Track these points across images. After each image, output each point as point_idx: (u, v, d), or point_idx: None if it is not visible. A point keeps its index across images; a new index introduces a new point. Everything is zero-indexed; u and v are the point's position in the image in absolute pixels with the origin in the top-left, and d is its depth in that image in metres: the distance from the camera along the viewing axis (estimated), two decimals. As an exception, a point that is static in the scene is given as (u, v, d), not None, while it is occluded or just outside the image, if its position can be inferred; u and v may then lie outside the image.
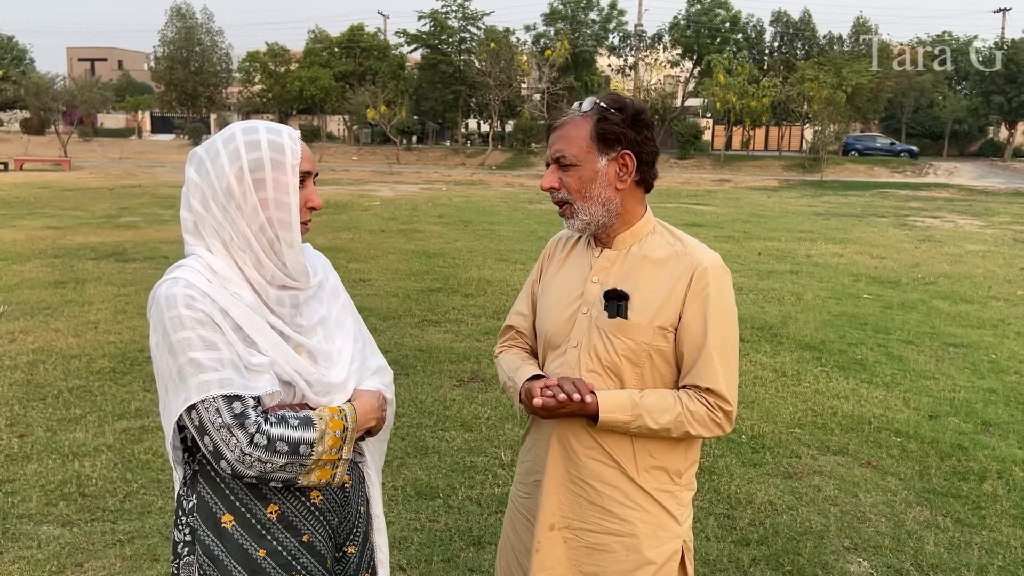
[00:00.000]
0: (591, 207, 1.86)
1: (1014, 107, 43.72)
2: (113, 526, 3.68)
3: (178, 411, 1.52)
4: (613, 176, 1.85)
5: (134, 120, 63.42)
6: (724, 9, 47.56)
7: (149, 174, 33.36)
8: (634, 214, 1.92)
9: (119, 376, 5.85)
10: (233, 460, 1.50)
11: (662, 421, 1.79)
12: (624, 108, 1.84)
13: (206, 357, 1.51)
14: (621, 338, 1.83)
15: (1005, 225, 18.79)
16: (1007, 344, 7.32)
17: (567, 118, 1.89)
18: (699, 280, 1.81)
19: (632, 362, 1.83)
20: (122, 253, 11.69)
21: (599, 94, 1.93)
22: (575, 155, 1.84)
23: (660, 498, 1.87)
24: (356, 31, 52.03)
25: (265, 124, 1.68)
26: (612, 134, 1.82)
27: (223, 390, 1.50)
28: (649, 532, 1.86)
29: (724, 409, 1.81)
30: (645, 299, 1.83)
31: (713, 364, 1.79)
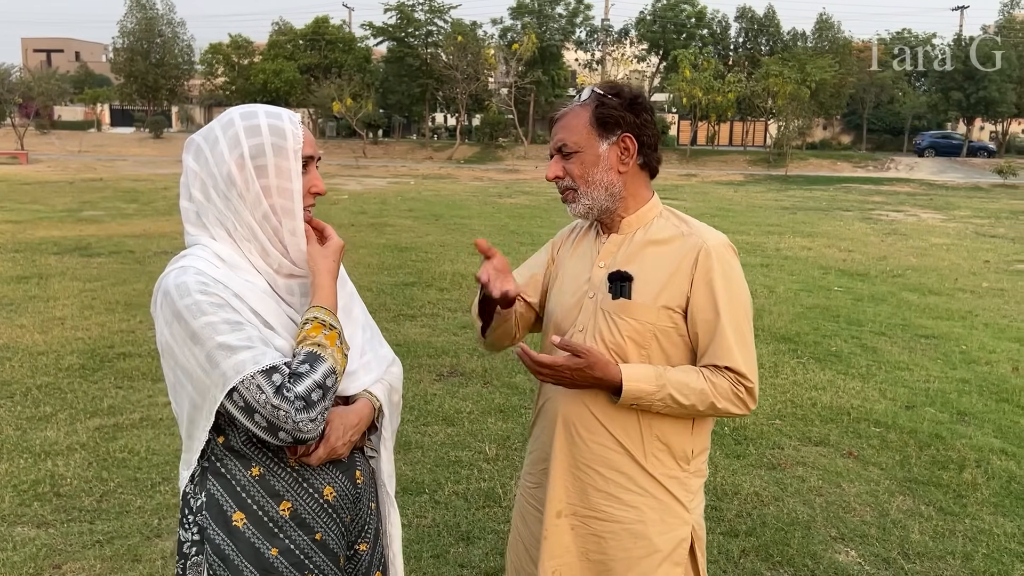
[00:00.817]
0: (594, 191, 1.87)
1: (972, 103, 44.61)
2: (91, 526, 3.58)
3: (219, 399, 1.45)
4: (615, 160, 1.86)
5: (93, 113, 62.12)
6: (690, 5, 47.91)
7: (110, 168, 32.73)
8: (639, 198, 1.92)
9: (89, 373, 5.70)
10: (291, 430, 1.45)
11: (687, 392, 1.77)
12: (621, 93, 1.86)
13: (235, 338, 1.46)
14: (625, 319, 1.83)
15: (966, 219, 19.16)
16: (976, 335, 7.45)
17: (567, 109, 1.92)
18: (705, 259, 1.81)
19: (637, 343, 1.83)
20: (86, 247, 11.44)
21: (596, 83, 1.95)
22: (576, 142, 1.86)
23: (668, 484, 1.86)
24: (321, 23, 51.47)
25: (264, 108, 1.62)
26: (611, 118, 1.84)
27: (258, 365, 1.45)
28: (656, 519, 1.85)
29: (746, 385, 1.79)
30: (649, 279, 1.83)
31: (728, 342, 1.79)
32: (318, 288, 1.61)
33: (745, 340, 1.81)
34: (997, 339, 7.34)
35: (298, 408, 1.45)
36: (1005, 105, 44.13)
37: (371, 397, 1.72)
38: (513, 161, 42.78)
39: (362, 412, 1.69)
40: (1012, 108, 44.98)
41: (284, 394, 1.44)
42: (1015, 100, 44.54)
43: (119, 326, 7.00)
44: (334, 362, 1.52)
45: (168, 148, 46.19)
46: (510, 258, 8.44)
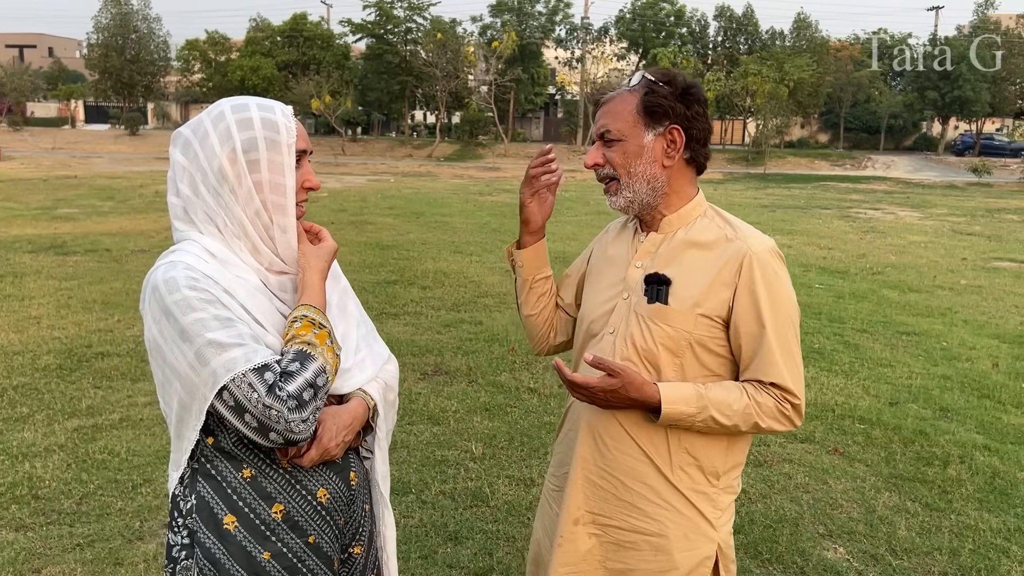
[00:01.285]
0: (635, 184, 1.76)
1: (947, 103, 45.08)
2: (71, 529, 3.50)
3: (209, 397, 1.41)
4: (660, 152, 1.75)
5: (67, 109, 61.26)
6: (669, 3, 48.08)
7: (84, 165, 32.32)
8: (682, 195, 1.81)
9: (66, 373, 5.60)
10: (283, 431, 1.41)
11: (729, 413, 1.68)
12: (673, 81, 1.74)
13: (225, 335, 1.41)
14: (660, 324, 1.73)
15: (943, 217, 19.35)
16: (956, 332, 7.51)
17: (614, 93, 1.80)
18: (749, 267, 1.69)
19: (671, 351, 1.73)
20: (61, 246, 11.27)
21: (648, 68, 1.82)
22: (620, 129, 1.75)
23: (694, 499, 1.76)
24: (299, 20, 51.05)
25: (256, 100, 1.58)
26: (659, 107, 1.72)
27: (250, 363, 1.40)
28: (680, 534, 1.76)
29: (792, 402, 1.70)
30: (687, 284, 1.72)
31: (773, 356, 1.68)
32: (307, 286, 1.57)
33: (791, 354, 1.71)
34: (976, 335, 7.40)
35: (290, 408, 1.41)
36: (979, 104, 44.64)
37: (365, 396, 1.69)
38: (493, 159, 42.72)
39: (356, 411, 1.65)
40: (986, 108, 45.52)
41: (276, 393, 1.40)
42: (989, 100, 45.08)
43: (97, 325, 6.89)
44: (324, 361, 1.48)
45: (144, 145, 45.68)
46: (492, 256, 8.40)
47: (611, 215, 1.94)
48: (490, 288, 8.93)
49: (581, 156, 44.48)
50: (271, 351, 1.46)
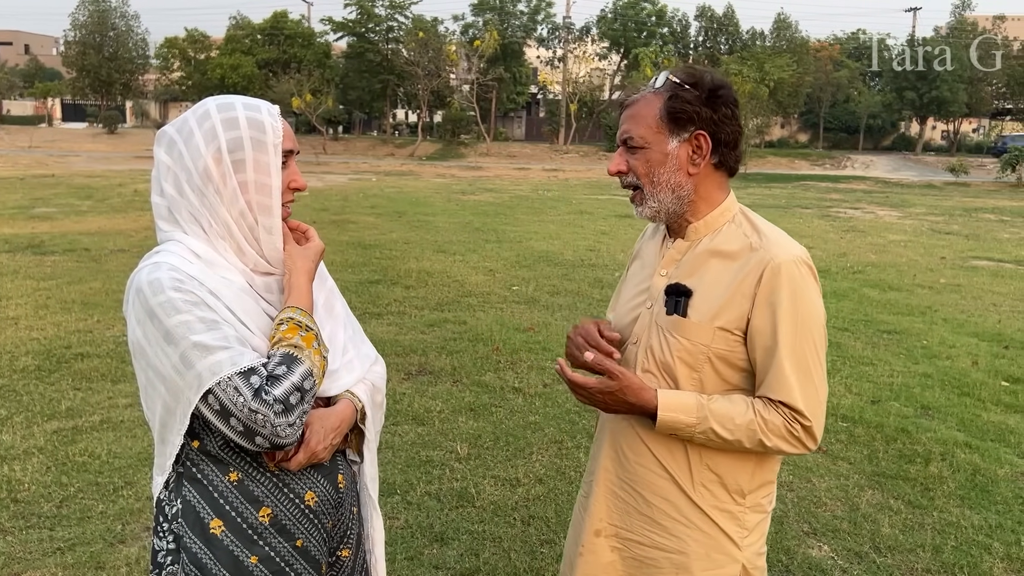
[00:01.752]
0: (660, 193, 1.68)
1: (925, 103, 45.58)
2: (51, 533, 3.45)
3: (194, 401, 1.39)
4: (685, 159, 1.67)
5: (43, 107, 60.61)
6: (650, 3, 48.28)
7: (62, 163, 31.97)
8: (710, 201, 1.72)
9: (45, 374, 5.53)
10: (269, 435, 1.39)
11: (731, 427, 1.61)
12: (699, 83, 1.65)
13: (211, 338, 1.39)
14: (677, 337, 1.67)
15: (921, 216, 19.55)
16: (936, 330, 7.58)
17: (639, 95, 1.71)
18: (770, 278, 1.60)
19: (688, 365, 1.66)
20: (39, 245, 11.13)
21: (672, 68, 1.73)
22: (642, 136, 1.67)
23: (716, 517, 1.69)
24: (279, 18, 50.82)
25: (242, 100, 1.55)
26: (684, 113, 1.64)
27: (236, 367, 1.38)
28: (702, 553, 1.70)
29: (802, 424, 1.60)
30: (708, 296, 1.66)
31: (784, 374, 1.59)
32: (293, 288, 1.55)
33: (808, 373, 1.61)
34: (956, 334, 7.47)
35: (277, 412, 1.39)
36: (956, 105, 45.16)
37: (353, 398, 1.67)
38: (476, 158, 42.69)
39: (343, 414, 1.63)
40: (963, 108, 46.06)
41: (263, 397, 1.38)
42: (966, 100, 45.60)
43: (76, 326, 6.81)
44: (311, 364, 1.46)
45: (122, 144, 45.27)
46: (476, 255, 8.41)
47: (593, 215, 1.91)
48: (474, 287, 8.91)
49: (563, 155, 44.56)
50: (257, 354, 1.44)
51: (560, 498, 3.93)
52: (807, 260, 1.66)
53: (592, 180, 31.89)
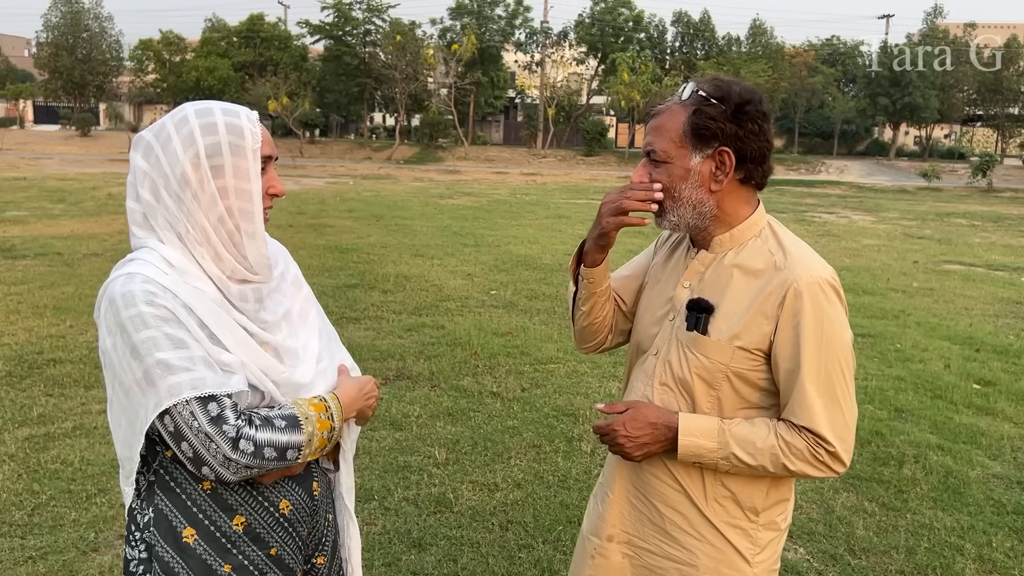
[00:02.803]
0: (680, 208, 1.66)
1: (898, 109, 46.17)
2: (22, 542, 3.40)
3: (149, 419, 1.37)
4: (707, 176, 1.64)
5: (15, 109, 59.80)
6: (627, 8, 48.49)
7: (34, 166, 31.56)
8: (736, 216, 1.68)
9: (16, 380, 5.45)
10: (216, 466, 1.37)
11: (753, 451, 1.60)
12: (727, 98, 1.60)
13: (175, 356, 1.37)
14: (696, 354, 1.65)
15: (895, 220, 19.79)
16: (909, 333, 7.67)
17: (664, 106, 1.68)
18: (793, 301, 1.58)
19: (706, 382, 1.65)
20: (10, 249, 10.97)
21: (700, 78, 1.70)
22: (665, 151, 1.64)
23: (727, 532, 1.69)
24: (256, 20, 50.53)
25: (220, 105, 1.54)
26: (707, 129, 1.60)
27: (196, 391, 1.36)
28: (711, 567, 1.69)
29: (827, 449, 1.58)
30: (729, 314, 1.64)
31: (808, 398, 1.57)
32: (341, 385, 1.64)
33: (833, 396, 1.58)
34: (929, 337, 7.57)
35: (244, 450, 1.38)
36: (928, 111, 45.80)
37: None
38: (453, 162, 42.67)
39: (352, 390, 1.66)
40: (935, 114, 46.72)
41: (221, 427, 1.37)
42: (938, 106, 46.26)
43: (48, 331, 6.72)
44: (307, 437, 1.47)
45: (96, 146, 44.78)
46: (454, 259, 8.40)
47: (571, 219, 1.91)
48: (452, 292, 8.90)
49: (541, 159, 44.64)
50: (220, 380, 1.41)
51: (538, 503, 3.93)
52: (833, 281, 1.62)
53: (570, 184, 31.99)
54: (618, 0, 48.23)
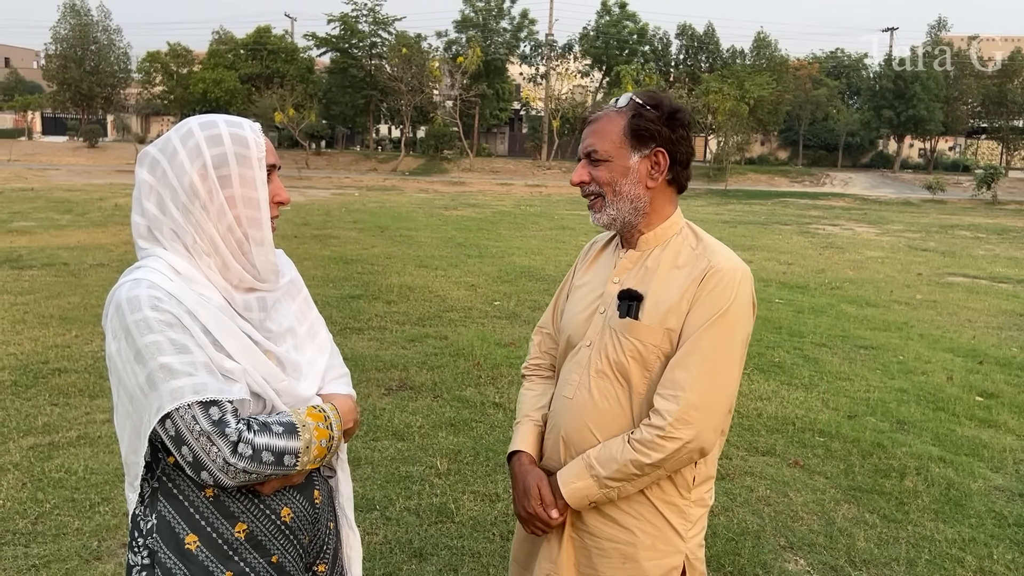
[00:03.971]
0: (620, 202, 1.83)
1: (902, 121, 46.17)
2: (26, 550, 3.42)
3: (152, 422, 1.39)
4: (644, 173, 1.82)
5: (23, 120, 60.13)
6: (632, 21, 48.66)
7: (42, 177, 31.71)
8: (661, 214, 1.87)
9: (22, 390, 5.48)
10: (216, 471, 1.40)
11: (617, 466, 1.75)
12: (660, 105, 1.80)
13: (178, 361, 1.40)
14: (630, 338, 1.79)
15: (899, 233, 19.78)
16: (912, 346, 7.67)
17: (602, 113, 1.86)
18: (709, 280, 1.75)
19: (640, 364, 1.79)
20: (16, 260, 11.04)
21: (636, 90, 1.89)
22: (607, 150, 1.81)
23: (664, 510, 1.82)
24: (262, 33, 50.83)
25: (224, 117, 1.57)
26: (646, 131, 1.79)
27: (198, 396, 1.39)
28: (648, 543, 1.81)
29: (676, 417, 1.70)
30: (659, 300, 1.79)
31: (689, 360, 1.73)
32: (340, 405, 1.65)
33: (715, 368, 1.72)
34: (932, 349, 7.56)
35: (242, 454, 1.41)
36: (933, 123, 45.80)
37: None
38: (459, 173, 42.77)
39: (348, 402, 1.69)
40: (939, 126, 46.72)
41: (223, 430, 1.40)
42: (942, 119, 46.26)
43: (53, 341, 6.76)
44: (303, 444, 1.49)
45: (103, 157, 44.99)
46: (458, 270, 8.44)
47: (576, 230, 1.98)
48: (455, 303, 8.93)
49: (546, 171, 44.72)
50: (222, 386, 1.44)
51: (539, 513, 3.93)
52: (747, 273, 1.80)
53: (574, 196, 32.01)
54: (623, 13, 48.43)
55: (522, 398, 2.11)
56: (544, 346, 2.13)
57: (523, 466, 1.95)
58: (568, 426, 1.88)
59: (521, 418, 2.05)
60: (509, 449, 2.02)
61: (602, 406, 1.82)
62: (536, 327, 2.19)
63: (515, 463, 1.98)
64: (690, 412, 1.70)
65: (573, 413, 1.87)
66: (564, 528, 1.89)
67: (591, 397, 1.84)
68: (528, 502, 1.88)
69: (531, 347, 2.18)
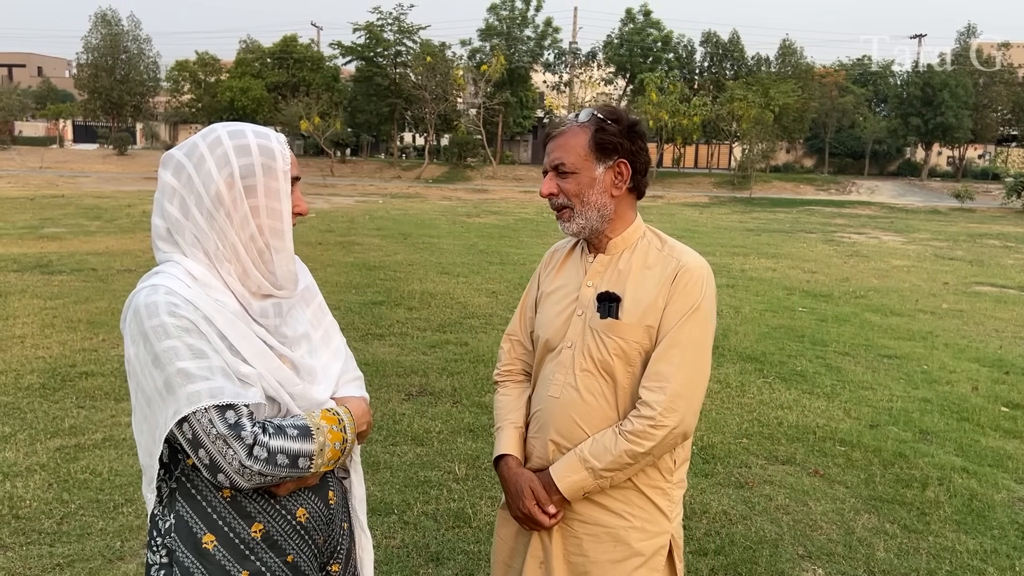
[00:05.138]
0: (588, 211, 1.93)
1: (930, 129, 45.69)
2: (51, 549, 3.49)
3: (168, 425, 1.43)
4: (609, 183, 1.93)
5: (55, 128, 61.16)
6: (656, 29, 48.58)
7: (72, 184, 32.23)
8: (625, 220, 1.99)
9: (50, 392, 5.59)
10: (232, 473, 1.43)
11: (611, 456, 1.85)
12: (620, 119, 1.92)
13: (195, 366, 1.43)
14: (613, 337, 1.90)
15: (926, 241, 19.56)
16: (937, 355, 7.59)
17: (565, 128, 1.96)
18: (680, 278, 1.88)
19: (624, 361, 1.89)
20: (47, 265, 11.23)
21: (595, 106, 2.01)
22: (574, 163, 1.92)
23: (651, 494, 1.93)
24: (289, 42, 51.32)
25: (252, 127, 1.60)
26: (609, 144, 1.90)
27: (214, 400, 1.42)
28: (638, 525, 1.92)
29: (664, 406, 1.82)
30: (635, 300, 1.90)
31: (670, 354, 1.85)
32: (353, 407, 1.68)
33: (689, 359, 1.85)
34: (957, 359, 7.48)
35: (257, 456, 1.44)
36: (961, 131, 45.27)
37: None
38: (482, 181, 42.89)
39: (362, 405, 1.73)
40: (968, 134, 46.17)
41: (239, 433, 1.43)
42: (971, 126, 45.71)
43: (81, 344, 6.87)
44: (318, 447, 1.53)
45: (132, 165, 45.64)
46: (479, 277, 8.44)
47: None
48: (476, 309, 8.96)
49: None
50: (238, 390, 1.47)
51: (556, 519, 3.95)
52: (710, 270, 1.95)
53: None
54: (647, 21, 48.38)
55: (499, 404, 2.18)
56: (515, 352, 2.22)
57: (511, 469, 2.02)
58: (557, 424, 1.96)
59: (502, 423, 2.13)
60: (495, 454, 2.09)
61: (589, 402, 1.92)
62: (504, 335, 2.28)
63: (503, 467, 2.05)
64: (676, 400, 1.83)
65: (561, 411, 1.95)
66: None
67: (578, 395, 1.93)
68: (523, 502, 1.95)
69: (501, 354, 2.26)
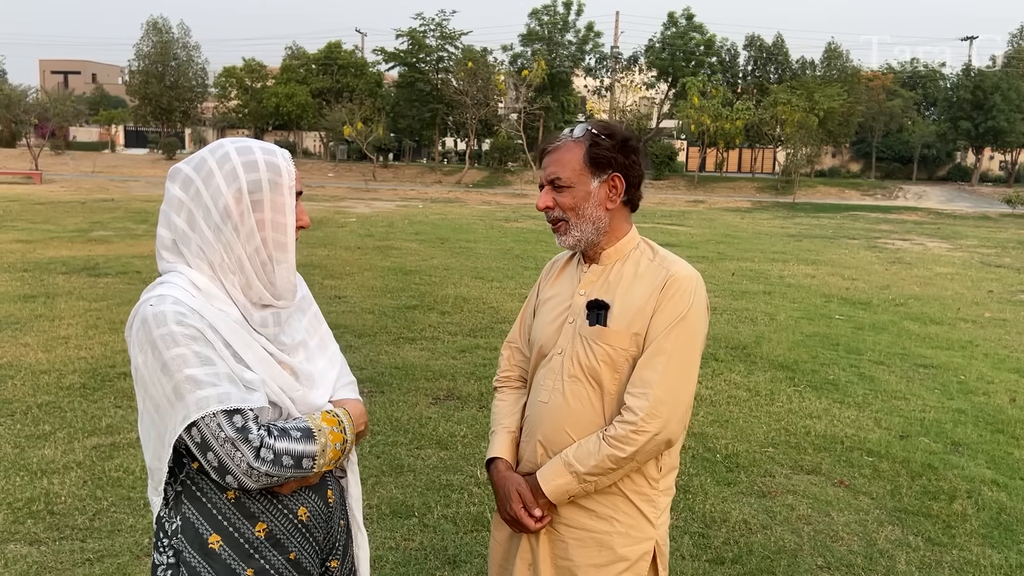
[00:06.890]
0: (583, 225, 1.98)
1: (981, 133, 44.61)
2: (82, 544, 3.62)
3: (177, 430, 1.49)
4: (604, 197, 1.98)
5: (107, 134, 62.85)
6: (699, 33, 48.19)
7: (122, 188, 33.04)
8: (620, 231, 2.04)
9: (89, 392, 5.77)
10: (240, 475, 1.50)
11: (595, 460, 1.88)
12: (614, 134, 1.97)
13: (203, 373, 1.50)
14: (600, 344, 1.94)
15: (973, 248, 19.13)
16: (975, 365, 7.44)
17: (560, 143, 2.01)
18: (669, 287, 1.92)
19: (611, 367, 1.94)
20: (94, 267, 11.56)
21: (587, 121, 2.06)
22: (569, 177, 1.97)
23: (636, 501, 1.97)
24: (333, 48, 52.06)
25: (259, 144, 1.67)
26: (603, 158, 1.95)
27: (222, 405, 1.49)
28: (623, 531, 1.96)
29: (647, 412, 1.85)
30: (624, 308, 1.95)
31: (655, 361, 1.88)
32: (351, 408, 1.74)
33: (676, 366, 1.88)
34: (996, 369, 7.33)
35: (264, 458, 1.50)
36: (1014, 135, 44.14)
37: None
38: (521, 185, 42.98)
39: (359, 406, 1.78)
40: (1021, 138, 44.98)
41: (246, 436, 1.49)
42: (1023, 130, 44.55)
43: (121, 346, 7.07)
44: (320, 448, 1.59)
45: (180, 169, 46.50)
46: (513, 282, 8.49)
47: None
48: (508, 314, 9.01)
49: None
50: (244, 395, 1.53)
51: (575, 525, 3.97)
52: (700, 279, 1.98)
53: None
54: (690, 25, 48.03)
55: (496, 409, 2.24)
56: (514, 359, 2.26)
57: (501, 472, 2.07)
58: (545, 428, 2.02)
59: (496, 427, 2.18)
60: (487, 457, 2.15)
61: (576, 408, 1.96)
62: (505, 342, 2.33)
63: (493, 470, 2.10)
64: (658, 407, 1.86)
65: (549, 416, 2.00)
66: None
67: (565, 400, 1.98)
68: (510, 505, 1.99)
69: (501, 361, 2.31)
